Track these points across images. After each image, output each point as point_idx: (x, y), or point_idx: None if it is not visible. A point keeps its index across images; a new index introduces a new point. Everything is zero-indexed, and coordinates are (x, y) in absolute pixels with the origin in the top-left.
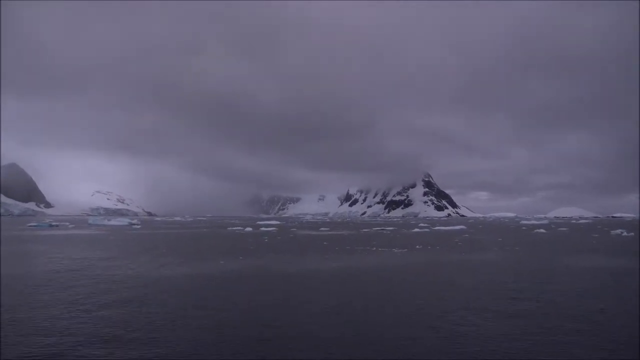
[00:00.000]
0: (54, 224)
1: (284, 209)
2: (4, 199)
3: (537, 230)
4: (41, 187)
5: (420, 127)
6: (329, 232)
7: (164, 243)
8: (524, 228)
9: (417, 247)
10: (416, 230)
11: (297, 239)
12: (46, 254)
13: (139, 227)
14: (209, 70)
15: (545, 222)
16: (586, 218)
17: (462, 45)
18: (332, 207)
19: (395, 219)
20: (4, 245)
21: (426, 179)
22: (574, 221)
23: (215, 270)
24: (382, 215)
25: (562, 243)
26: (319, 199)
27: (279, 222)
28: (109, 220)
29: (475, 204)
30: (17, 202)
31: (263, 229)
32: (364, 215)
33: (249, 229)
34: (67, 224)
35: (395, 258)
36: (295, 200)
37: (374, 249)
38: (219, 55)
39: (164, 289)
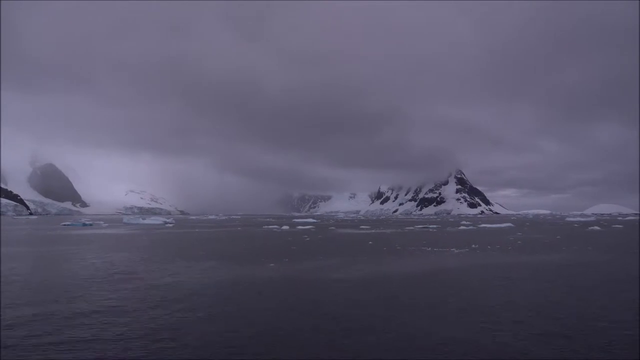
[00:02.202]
0: (87, 222)
1: (314, 207)
2: (41, 198)
3: (592, 227)
4: (77, 186)
5: (446, 118)
6: (372, 231)
7: (201, 243)
8: (576, 225)
9: (474, 246)
10: (462, 228)
11: (340, 238)
12: (77, 255)
13: (171, 225)
14: (217, 57)
15: (592, 219)
16: (629, 215)
17: (486, 22)
18: (363, 205)
19: (431, 217)
20: (35, 245)
21: (458, 176)
22: (620, 218)
23: (269, 276)
24: (414, 213)
25: (636, 241)
26: (350, 197)
27: (315, 220)
28: (143, 219)
29: (505, 201)
30: (54, 202)
31: (300, 227)
32: (395, 213)
33: (285, 227)
34: (102, 222)
35: (462, 259)
36: (327, 199)
37: (429, 249)
38: (225, 40)
39: (217, 300)
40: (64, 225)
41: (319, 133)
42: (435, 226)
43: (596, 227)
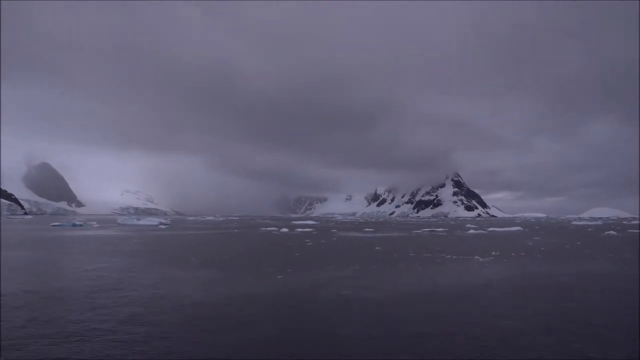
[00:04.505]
0: (77, 223)
1: (311, 209)
2: (37, 197)
3: (608, 232)
4: (72, 186)
5: (440, 114)
6: (376, 234)
7: (194, 247)
8: (589, 230)
9: (495, 253)
10: (472, 232)
11: (344, 242)
12: (47, 262)
13: (164, 227)
14: (188, 41)
15: (599, 222)
16: (627, 219)
17: (480, 11)
18: (359, 207)
19: (430, 220)
20: (7, 249)
21: (455, 179)
22: (625, 222)
23: (274, 292)
24: (411, 216)
25: None
26: (346, 199)
27: (314, 223)
28: (138, 219)
29: (500, 204)
30: (49, 201)
31: (299, 229)
32: (392, 215)
33: (284, 229)
34: (94, 223)
35: (497, 269)
36: (323, 200)
37: (449, 256)
38: (194, 21)
39: (206, 325)
40: (53, 225)
41: (310, 129)
42: (442, 229)
43: (612, 232)
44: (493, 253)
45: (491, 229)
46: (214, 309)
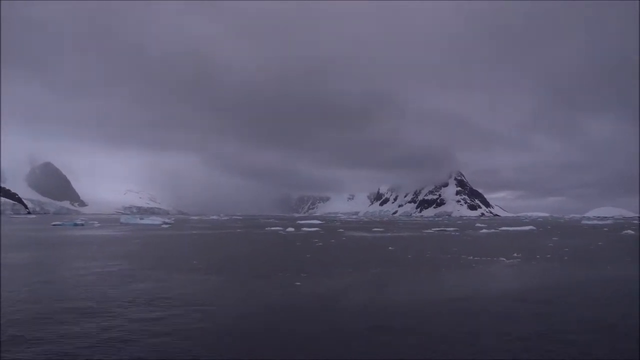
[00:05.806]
0: (79, 222)
1: (313, 208)
2: (40, 197)
3: (625, 232)
4: (75, 185)
5: (440, 110)
6: (387, 234)
7: (197, 248)
8: (605, 229)
9: (517, 254)
10: (484, 231)
11: (354, 242)
12: (29, 263)
13: (167, 227)
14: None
15: (609, 222)
16: (638, 218)
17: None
18: (361, 206)
19: (436, 219)
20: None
21: (459, 178)
22: (635, 221)
23: (302, 300)
24: (414, 215)
25: None
26: (349, 198)
27: (320, 222)
28: (141, 219)
29: (502, 203)
30: (52, 201)
31: (305, 229)
32: (395, 214)
33: (290, 229)
34: (95, 222)
35: (534, 273)
36: (325, 200)
37: (470, 257)
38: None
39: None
40: (54, 225)
41: (310, 126)
42: (452, 229)
43: (630, 232)
44: (515, 254)
45: (502, 228)
46: (235, 323)
